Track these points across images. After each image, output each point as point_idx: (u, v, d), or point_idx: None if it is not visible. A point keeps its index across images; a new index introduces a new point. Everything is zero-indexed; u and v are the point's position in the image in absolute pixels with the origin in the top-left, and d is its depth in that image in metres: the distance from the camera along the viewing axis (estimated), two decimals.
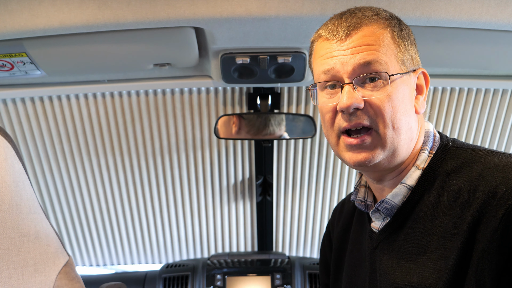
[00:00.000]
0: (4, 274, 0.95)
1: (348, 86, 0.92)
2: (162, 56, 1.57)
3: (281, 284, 1.96)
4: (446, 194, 0.91)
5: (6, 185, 0.95)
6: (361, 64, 0.91)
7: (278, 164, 2.12)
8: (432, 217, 0.92)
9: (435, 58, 1.60)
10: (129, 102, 1.90)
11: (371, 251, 1.04)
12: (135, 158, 2.07)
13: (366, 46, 0.92)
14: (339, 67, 0.93)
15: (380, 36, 0.93)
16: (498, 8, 1.33)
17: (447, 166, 0.94)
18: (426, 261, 0.91)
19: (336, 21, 0.96)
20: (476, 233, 0.83)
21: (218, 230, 2.32)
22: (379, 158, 0.94)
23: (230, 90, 1.90)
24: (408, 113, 0.95)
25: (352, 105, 0.91)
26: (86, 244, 2.35)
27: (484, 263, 0.82)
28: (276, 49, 1.54)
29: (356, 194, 1.10)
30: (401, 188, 0.97)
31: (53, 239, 1.06)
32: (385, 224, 1.01)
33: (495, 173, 0.85)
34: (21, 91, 1.78)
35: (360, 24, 0.93)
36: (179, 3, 1.31)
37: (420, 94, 1.00)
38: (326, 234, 1.31)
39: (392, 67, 0.92)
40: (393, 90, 0.92)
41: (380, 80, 0.92)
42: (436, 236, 0.90)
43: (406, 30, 0.98)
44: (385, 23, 0.94)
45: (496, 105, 1.94)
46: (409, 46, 0.97)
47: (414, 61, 0.98)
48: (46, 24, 1.33)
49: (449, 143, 0.99)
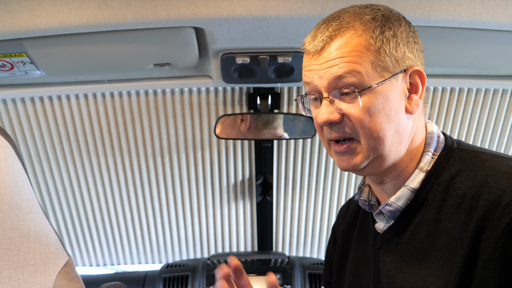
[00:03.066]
0: (4, 274, 0.95)
1: (325, 100, 0.93)
2: (162, 56, 1.57)
3: (281, 284, 1.96)
4: (450, 198, 0.90)
5: (6, 185, 0.95)
6: (334, 78, 0.91)
7: (278, 164, 2.12)
8: (436, 221, 0.91)
9: (435, 58, 1.60)
10: (129, 102, 1.90)
11: (375, 252, 1.04)
12: (135, 158, 2.07)
13: (339, 59, 0.90)
14: (317, 82, 0.93)
15: (355, 47, 0.90)
16: (498, 8, 1.33)
17: (451, 169, 0.93)
18: (429, 266, 0.90)
19: (317, 31, 0.95)
20: (480, 241, 0.83)
21: (218, 230, 2.32)
22: (362, 164, 0.95)
23: (230, 90, 1.90)
24: (391, 119, 0.92)
25: (328, 119, 0.92)
26: (86, 244, 2.35)
27: (488, 272, 0.82)
28: (276, 49, 1.54)
29: (360, 193, 1.10)
30: (404, 191, 0.96)
31: (53, 239, 1.06)
32: (388, 226, 1.01)
33: (499, 180, 0.85)
34: (21, 91, 1.78)
35: (335, 36, 0.92)
36: (179, 3, 1.31)
37: (415, 93, 0.96)
38: (331, 236, 1.31)
39: (368, 76, 0.90)
40: (370, 100, 0.90)
41: (355, 93, 0.91)
42: (440, 241, 0.90)
43: (391, 31, 0.93)
44: (363, 28, 0.91)
45: (496, 105, 1.94)
46: (398, 47, 0.92)
47: (402, 62, 0.93)
48: (46, 24, 1.33)
49: (454, 144, 0.98)
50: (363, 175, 1.02)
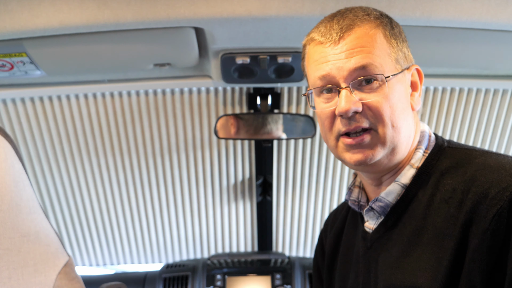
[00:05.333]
0: (4, 274, 0.95)
1: (345, 90, 0.92)
2: (162, 56, 1.57)
3: (281, 284, 1.96)
4: (440, 193, 0.91)
5: (6, 185, 0.95)
6: (356, 68, 0.91)
7: (278, 164, 2.12)
8: (425, 216, 0.92)
9: (435, 58, 1.60)
10: (129, 102, 1.90)
11: (365, 252, 1.04)
12: (135, 158, 2.07)
13: (360, 49, 0.91)
14: (335, 72, 0.92)
15: (373, 37, 0.92)
16: (498, 8, 1.33)
17: (441, 165, 0.95)
18: (417, 260, 0.91)
19: (328, 23, 0.96)
20: (469, 233, 0.84)
21: (218, 230, 2.32)
22: (379, 156, 0.94)
23: (230, 90, 1.90)
24: (405, 110, 0.95)
25: (350, 109, 0.91)
26: (86, 244, 2.35)
27: (475, 263, 0.82)
28: (276, 49, 1.54)
29: (350, 194, 1.10)
30: (395, 186, 0.97)
31: (53, 239, 1.06)
32: (379, 223, 1.01)
33: (488, 174, 0.86)
34: (21, 91, 1.78)
35: (352, 26, 0.93)
36: (179, 3, 1.31)
37: (415, 90, 1.00)
38: (318, 243, 1.31)
39: (387, 67, 0.92)
40: (390, 90, 0.92)
41: (376, 82, 0.92)
42: (428, 235, 0.90)
43: (398, 28, 0.98)
44: (376, 22, 0.94)
45: (496, 105, 1.94)
46: (402, 44, 0.97)
47: (408, 59, 0.98)
48: (46, 24, 1.33)
49: (444, 143, 1.00)
50: (370, 171, 1.01)
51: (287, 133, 1.85)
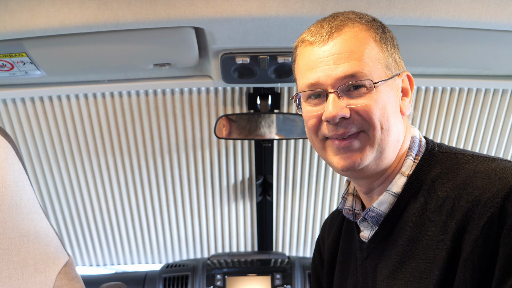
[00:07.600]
0: (4, 274, 0.95)
1: (333, 94, 0.91)
2: (162, 56, 1.57)
3: (281, 284, 1.96)
4: (432, 201, 0.90)
5: (6, 185, 0.95)
6: (345, 77, 0.90)
7: (278, 164, 2.12)
8: (418, 225, 0.91)
9: (435, 58, 1.60)
10: (129, 102, 1.90)
11: (362, 262, 1.04)
12: (135, 158, 2.07)
13: (348, 54, 0.90)
14: (323, 79, 0.92)
15: (363, 41, 0.91)
16: (498, 8, 1.33)
17: (432, 172, 0.94)
18: (412, 270, 0.90)
19: (319, 24, 0.95)
20: (461, 242, 0.83)
21: (218, 230, 2.32)
22: (368, 160, 0.93)
23: (230, 90, 1.90)
24: (395, 114, 0.95)
25: (337, 115, 0.90)
26: (86, 244, 2.35)
27: (466, 271, 0.81)
28: (276, 49, 1.54)
29: (344, 203, 1.09)
30: (386, 196, 0.96)
31: (53, 239, 1.06)
32: (373, 233, 1.00)
33: (479, 180, 0.85)
34: (21, 91, 1.78)
35: (343, 26, 0.92)
36: (179, 3, 1.31)
37: (405, 96, 1.00)
38: (316, 250, 1.30)
39: (376, 73, 0.92)
40: (378, 95, 0.91)
41: (365, 88, 0.91)
42: (422, 244, 0.90)
43: (389, 33, 0.97)
44: (368, 26, 0.94)
45: (496, 105, 1.94)
46: (393, 50, 0.96)
47: (399, 65, 0.97)
48: (46, 24, 1.33)
49: (435, 148, 0.98)
50: (358, 177, 1.00)
51: (287, 133, 1.85)
